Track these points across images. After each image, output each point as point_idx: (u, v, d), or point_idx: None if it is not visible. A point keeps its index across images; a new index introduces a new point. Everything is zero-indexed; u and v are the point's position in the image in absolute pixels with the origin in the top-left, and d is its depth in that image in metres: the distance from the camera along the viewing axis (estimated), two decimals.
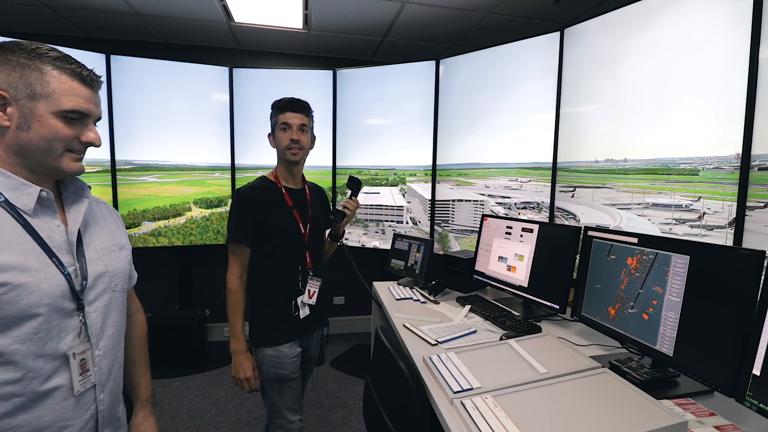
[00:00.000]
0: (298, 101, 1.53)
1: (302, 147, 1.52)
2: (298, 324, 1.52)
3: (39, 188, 0.77)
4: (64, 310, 0.77)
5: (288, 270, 1.52)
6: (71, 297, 0.78)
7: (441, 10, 2.66)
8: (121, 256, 0.94)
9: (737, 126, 1.42)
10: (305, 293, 1.53)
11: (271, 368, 1.48)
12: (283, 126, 1.50)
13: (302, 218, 1.55)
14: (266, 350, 1.47)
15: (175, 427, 2.35)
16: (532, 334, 1.38)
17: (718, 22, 1.47)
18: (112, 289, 0.88)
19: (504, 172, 2.52)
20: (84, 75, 0.79)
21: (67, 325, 0.78)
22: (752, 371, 0.85)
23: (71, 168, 0.81)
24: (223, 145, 3.13)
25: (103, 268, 0.86)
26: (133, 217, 2.97)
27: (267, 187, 1.54)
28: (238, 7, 2.65)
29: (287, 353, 1.48)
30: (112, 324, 0.88)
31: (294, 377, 1.51)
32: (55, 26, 2.98)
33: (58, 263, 0.77)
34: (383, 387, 1.27)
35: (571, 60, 2.09)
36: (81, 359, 0.79)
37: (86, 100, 0.79)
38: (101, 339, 0.84)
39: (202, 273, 3.46)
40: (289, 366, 1.49)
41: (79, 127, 0.79)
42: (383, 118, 3.11)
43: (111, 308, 0.88)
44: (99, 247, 0.88)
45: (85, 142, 0.81)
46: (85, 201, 0.87)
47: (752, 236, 1.40)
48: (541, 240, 1.66)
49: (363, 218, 3.20)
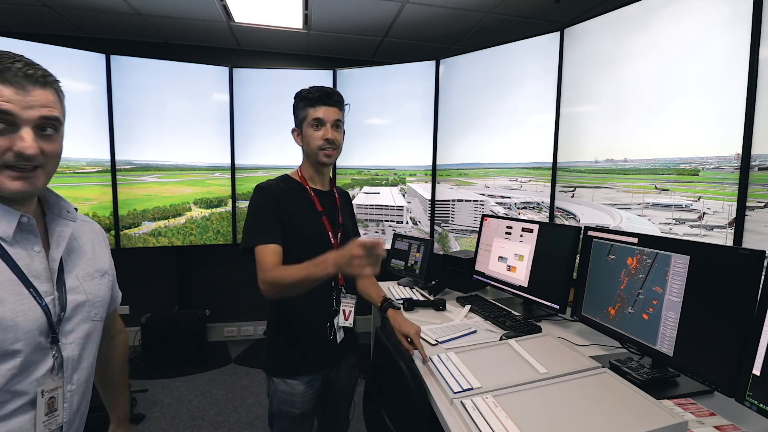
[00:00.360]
0: (333, 92, 1.30)
1: (337, 146, 1.30)
2: (330, 350, 1.31)
3: (19, 213, 0.71)
4: (39, 344, 0.70)
5: (320, 286, 1.15)
6: (47, 330, 0.71)
7: (441, 10, 2.66)
8: (102, 283, 0.86)
9: (737, 126, 1.42)
10: (341, 314, 1.31)
11: (282, 405, 1.28)
12: (315, 122, 1.27)
13: (332, 226, 1.31)
14: (278, 383, 1.27)
15: (175, 427, 2.35)
16: (532, 334, 1.38)
17: (718, 22, 1.47)
18: (91, 318, 0.81)
19: (504, 172, 2.52)
20: (2, 69, 0.65)
21: (41, 360, 0.71)
22: (752, 371, 0.85)
23: (10, 188, 0.68)
24: (223, 145, 3.13)
25: (83, 297, 0.80)
26: (133, 217, 2.97)
27: (292, 187, 1.30)
28: (238, 7, 2.65)
29: (301, 390, 1.26)
30: (89, 355, 0.81)
31: (307, 415, 1.31)
32: (55, 26, 2.98)
33: (35, 293, 0.71)
34: (383, 387, 1.27)
35: (571, 60, 2.09)
36: (50, 398, 0.71)
37: (4, 99, 0.65)
38: (76, 372, 0.77)
39: (202, 273, 3.46)
40: (302, 405, 1.28)
41: (9, 136, 0.66)
42: (383, 118, 3.11)
43: (89, 339, 0.81)
44: (80, 273, 0.81)
45: (17, 153, 0.66)
46: (69, 225, 0.80)
47: (752, 236, 1.40)
48: (541, 240, 1.66)
49: (363, 218, 3.20)
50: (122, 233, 2.94)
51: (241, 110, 3.12)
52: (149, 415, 2.44)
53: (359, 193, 3.22)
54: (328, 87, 1.31)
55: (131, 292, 3.42)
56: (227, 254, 3.43)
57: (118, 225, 2.92)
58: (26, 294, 0.70)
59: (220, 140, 3.12)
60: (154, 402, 2.59)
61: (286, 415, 1.29)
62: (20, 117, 0.67)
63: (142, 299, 3.36)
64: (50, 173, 0.74)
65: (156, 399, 2.62)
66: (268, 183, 1.28)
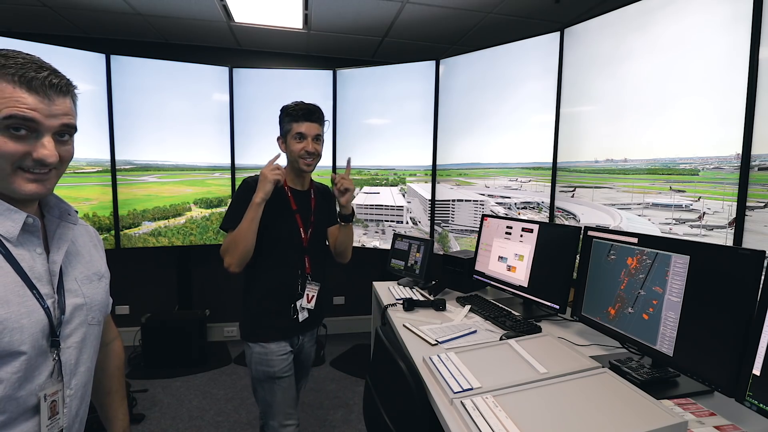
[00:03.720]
0: (314, 110, 1.48)
1: (316, 156, 1.50)
2: (293, 325, 1.52)
3: (25, 214, 0.71)
4: (41, 347, 0.71)
5: (287, 273, 1.51)
6: (49, 333, 0.72)
7: (441, 10, 2.66)
8: (99, 286, 0.87)
9: (737, 126, 1.42)
10: (304, 297, 1.52)
11: (260, 366, 1.47)
12: (298, 136, 1.46)
13: (304, 223, 1.53)
14: (254, 347, 1.47)
15: (175, 427, 2.35)
16: (532, 334, 1.38)
17: (718, 22, 1.47)
18: (88, 322, 0.82)
19: (504, 172, 2.52)
20: (29, 78, 0.66)
21: (43, 363, 0.72)
22: (752, 371, 0.85)
23: (26, 190, 0.70)
24: (223, 145, 3.13)
25: (81, 300, 0.80)
26: (133, 217, 2.97)
27: None
28: (238, 7, 2.65)
29: (275, 350, 1.47)
30: (86, 360, 0.81)
31: (284, 376, 1.48)
32: (55, 26, 2.98)
33: (38, 296, 0.71)
34: (383, 387, 1.27)
35: (571, 60, 2.09)
36: (52, 401, 0.72)
37: (29, 107, 0.67)
38: (74, 377, 0.78)
39: (202, 273, 3.45)
40: (278, 363, 1.47)
41: (30, 142, 0.68)
42: (383, 118, 3.11)
43: (86, 343, 0.81)
44: (79, 276, 0.82)
45: (37, 159, 0.69)
46: (70, 227, 0.81)
47: (752, 236, 1.40)
48: (541, 240, 1.66)
49: (363, 218, 3.20)
50: (122, 233, 2.94)
51: (241, 110, 3.12)
52: (149, 415, 2.44)
53: (359, 193, 3.22)
54: (311, 104, 1.50)
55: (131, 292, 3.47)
56: None
57: (118, 225, 2.92)
58: (30, 296, 0.70)
59: (220, 140, 3.12)
60: (154, 402, 2.59)
61: (264, 375, 1.47)
62: (43, 125, 0.69)
63: (142, 299, 3.37)
64: (61, 175, 0.76)
65: (156, 399, 2.62)
66: (252, 178, 1.46)
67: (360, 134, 3.15)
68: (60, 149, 0.72)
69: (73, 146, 0.77)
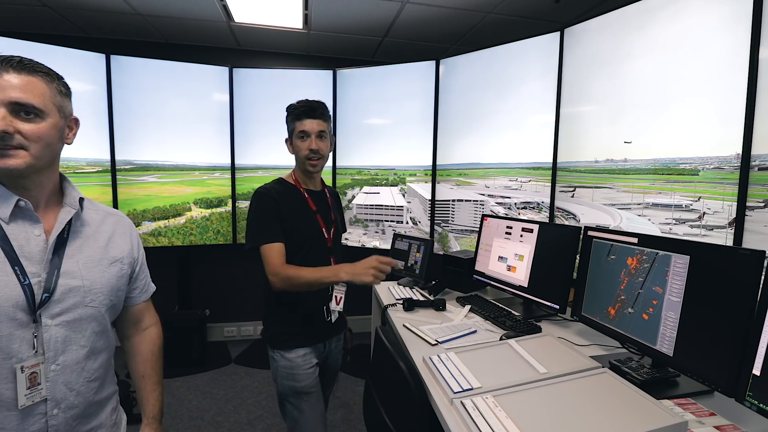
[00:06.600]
0: (316, 106, 1.44)
1: (322, 156, 1.45)
2: (326, 328, 1.49)
3: (17, 198, 0.78)
4: (16, 320, 0.75)
5: None
6: (27, 308, 0.76)
7: (441, 10, 2.66)
8: (109, 271, 0.90)
9: (737, 126, 1.42)
10: (333, 299, 1.47)
11: (285, 380, 1.42)
12: (301, 134, 1.42)
13: (325, 223, 1.49)
14: (279, 360, 1.43)
15: (175, 427, 2.35)
16: (532, 334, 1.38)
17: (718, 22, 1.47)
18: (85, 304, 0.84)
19: (504, 172, 2.52)
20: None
21: (20, 336, 0.76)
22: (752, 371, 0.85)
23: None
24: (223, 145, 3.13)
25: (78, 282, 0.84)
26: (133, 217, 2.96)
27: (288, 189, 1.46)
28: (238, 7, 2.65)
29: (301, 364, 1.42)
30: (81, 339, 0.84)
31: (311, 391, 1.43)
32: (55, 26, 2.98)
33: (21, 272, 0.76)
34: (383, 387, 1.27)
35: (571, 60, 2.09)
36: (31, 372, 0.77)
37: None
38: (62, 354, 0.81)
39: (202, 273, 3.46)
40: (304, 378, 1.42)
41: None
42: (383, 118, 3.11)
43: (82, 324, 0.84)
44: (83, 259, 0.86)
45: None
46: (69, 211, 0.85)
47: (752, 236, 1.40)
48: (541, 240, 1.66)
49: (363, 218, 3.20)
50: None
51: (241, 110, 3.12)
52: None
53: (359, 193, 3.22)
54: (313, 101, 1.46)
55: None
56: (227, 254, 3.43)
57: None
58: (9, 272, 0.76)
59: (220, 140, 3.12)
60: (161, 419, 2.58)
61: (291, 390, 1.42)
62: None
63: None
64: (38, 156, 0.78)
65: None
66: (265, 188, 1.43)
67: (360, 134, 3.15)
68: (22, 125, 0.74)
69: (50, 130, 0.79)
